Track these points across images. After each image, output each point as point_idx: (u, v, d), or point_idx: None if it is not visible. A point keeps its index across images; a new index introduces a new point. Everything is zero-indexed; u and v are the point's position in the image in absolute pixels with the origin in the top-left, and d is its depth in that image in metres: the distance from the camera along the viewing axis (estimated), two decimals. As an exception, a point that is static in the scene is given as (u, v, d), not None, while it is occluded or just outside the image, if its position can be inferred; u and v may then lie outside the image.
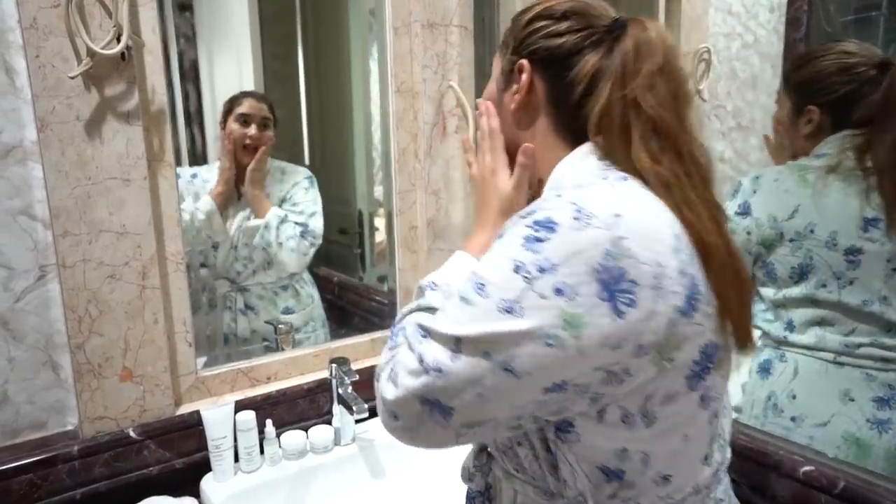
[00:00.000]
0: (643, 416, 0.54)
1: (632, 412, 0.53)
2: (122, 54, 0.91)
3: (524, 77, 0.65)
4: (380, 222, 1.50)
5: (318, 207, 1.38)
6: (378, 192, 1.50)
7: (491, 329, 0.50)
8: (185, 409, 1.05)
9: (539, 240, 0.51)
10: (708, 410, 0.57)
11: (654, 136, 0.56)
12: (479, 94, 1.36)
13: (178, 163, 1.28)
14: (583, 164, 0.60)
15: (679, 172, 0.56)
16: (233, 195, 1.31)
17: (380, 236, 1.52)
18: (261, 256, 1.33)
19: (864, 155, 0.92)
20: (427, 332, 0.55)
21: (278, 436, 1.06)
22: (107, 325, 0.94)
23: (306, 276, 1.43)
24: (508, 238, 0.53)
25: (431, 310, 0.61)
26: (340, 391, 1.09)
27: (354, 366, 1.24)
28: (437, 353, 0.53)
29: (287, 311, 1.37)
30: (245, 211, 1.32)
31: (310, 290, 1.42)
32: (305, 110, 1.55)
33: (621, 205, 0.51)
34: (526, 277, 0.50)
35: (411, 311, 0.63)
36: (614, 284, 0.49)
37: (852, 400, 0.91)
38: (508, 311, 0.50)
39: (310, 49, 1.52)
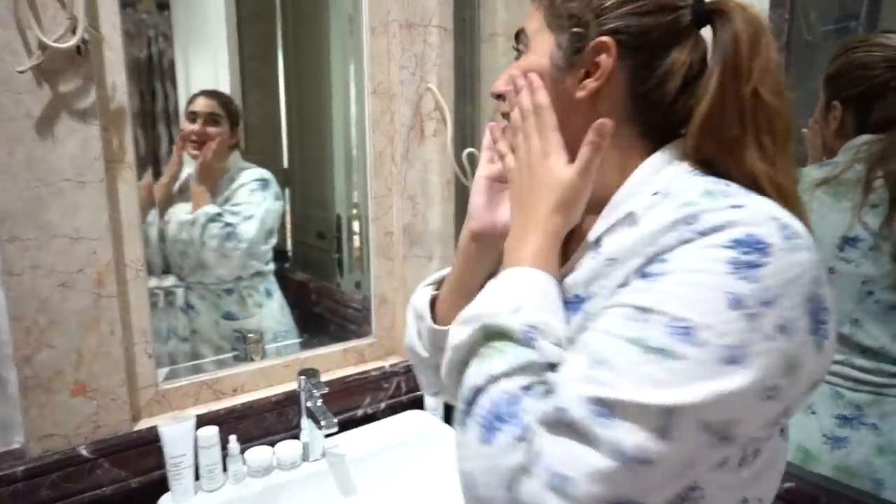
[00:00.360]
0: (754, 453, 0.46)
1: (748, 452, 0.46)
2: (78, 48, 0.85)
3: (607, 60, 0.52)
4: (359, 227, 1.46)
5: (258, 212, 1.31)
6: (357, 196, 1.46)
7: (716, 389, 0.38)
8: (144, 424, 1.00)
9: (753, 265, 0.40)
10: (786, 440, 0.51)
11: (769, 136, 0.49)
12: (458, 97, 1.33)
13: (150, 164, 1.25)
14: (676, 169, 0.52)
15: (792, 176, 0.49)
16: (179, 189, 1.29)
17: (358, 241, 1.47)
18: (195, 254, 1.28)
19: (876, 165, 0.87)
20: (610, 409, 0.39)
21: (243, 451, 1.01)
22: (58, 337, 0.89)
23: (262, 282, 1.37)
24: (696, 262, 0.42)
25: (549, 367, 0.44)
26: (309, 404, 1.04)
27: (326, 377, 1.20)
28: (638, 437, 0.38)
29: (228, 316, 1.32)
30: (187, 205, 1.29)
31: (260, 298, 1.36)
32: (284, 112, 1.51)
33: (796, 220, 0.44)
34: (749, 315, 0.39)
35: (507, 375, 0.44)
36: (817, 315, 0.41)
37: (814, 413, 0.90)
38: (733, 362, 0.39)
39: (290, 50, 1.48)
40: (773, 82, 0.49)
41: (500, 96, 0.61)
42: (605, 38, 0.52)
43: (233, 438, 1.00)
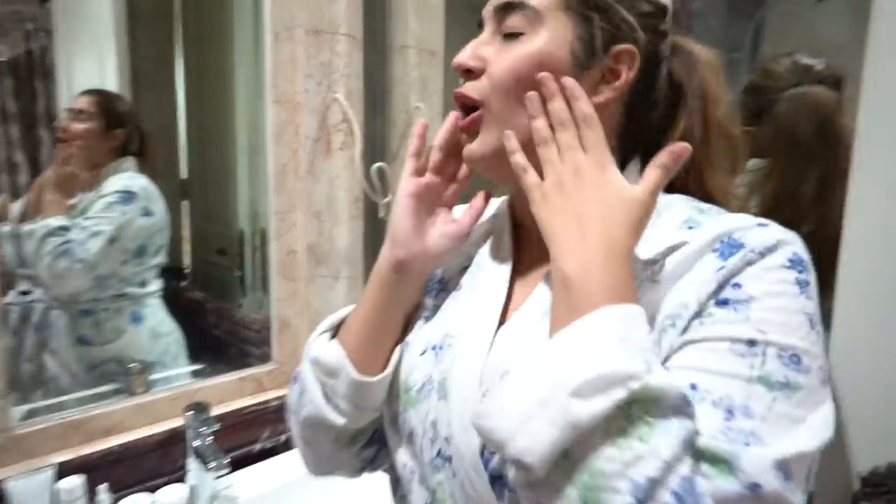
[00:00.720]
0: None
1: None
2: None
3: (628, 71, 0.50)
4: (260, 244, 1.36)
5: (108, 228, 1.15)
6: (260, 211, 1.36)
7: (831, 415, 0.40)
8: (-7, 476, 0.85)
9: (807, 283, 0.43)
10: None
11: (727, 157, 0.53)
12: (368, 109, 1.27)
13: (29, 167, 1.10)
14: None
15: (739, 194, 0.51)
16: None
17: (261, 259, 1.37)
18: (34, 271, 1.12)
19: (753, 192, 0.90)
20: (787, 468, 0.36)
21: (117, 502, 0.89)
22: None
23: (129, 306, 1.22)
24: (772, 286, 0.42)
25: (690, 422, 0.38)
26: (197, 443, 0.93)
27: (221, 409, 1.09)
28: (799, 489, 0.37)
29: (83, 341, 1.17)
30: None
31: (121, 323, 1.21)
32: (185, 119, 1.39)
33: None
34: (818, 332, 0.42)
35: (678, 458, 0.35)
36: None
37: None
38: (826, 383, 0.40)
39: (190, 52, 1.36)
40: (728, 107, 0.53)
41: (468, 71, 0.52)
42: (631, 47, 0.50)
43: (102, 488, 0.88)
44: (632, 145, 0.53)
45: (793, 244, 0.44)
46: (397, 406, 0.57)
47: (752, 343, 0.40)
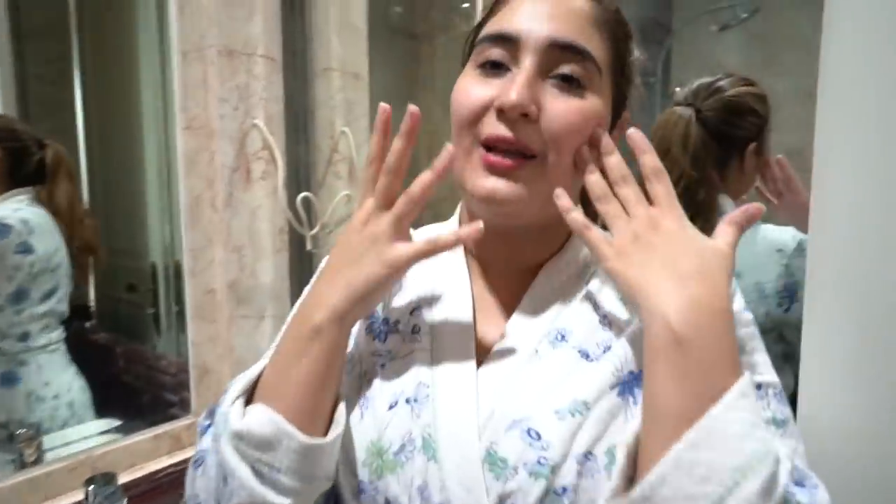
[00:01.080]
0: None
1: None
2: None
3: (626, 124, 0.54)
4: (167, 284, 1.24)
5: None
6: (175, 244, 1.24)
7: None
8: None
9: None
10: None
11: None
12: (290, 135, 1.19)
13: None
14: None
15: None
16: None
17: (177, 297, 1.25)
18: None
19: None
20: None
21: None
22: None
23: (2, 364, 1.05)
24: (751, 329, 0.48)
25: None
26: (103, 521, 0.81)
27: (130, 474, 0.97)
28: None
29: None
30: None
31: None
32: (84, 145, 1.25)
33: None
34: None
35: None
36: None
37: None
38: None
39: (90, 73, 1.24)
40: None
41: (525, 114, 0.47)
42: (628, 113, 0.55)
43: (-15, 587, 0.73)
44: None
45: (736, 285, 0.48)
46: (365, 474, 0.49)
47: (758, 387, 0.44)
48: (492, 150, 0.48)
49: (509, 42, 0.48)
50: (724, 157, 0.97)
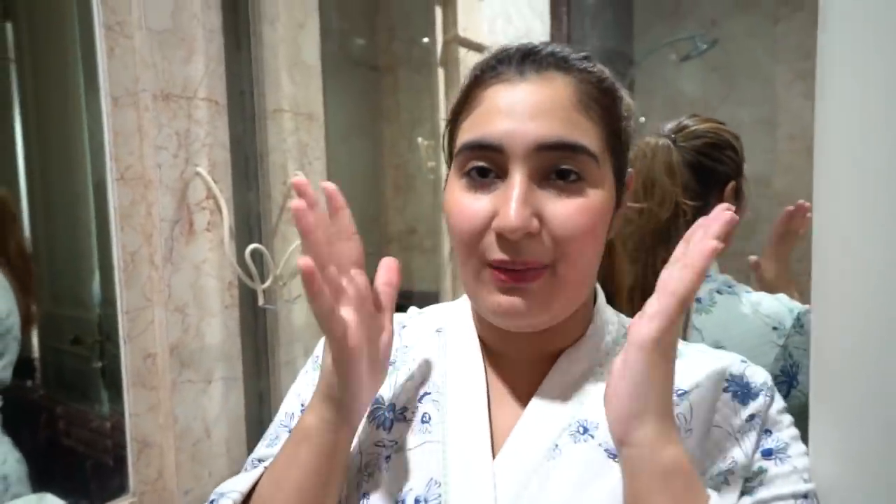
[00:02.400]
0: None
1: None
2: None
3: (628, 192, 0.53)
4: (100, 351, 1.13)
5: None
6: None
7: None
8: None
9: None
10: None
11: None
12: (239, 182, 1.12)
13: None
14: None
15: None
16: None
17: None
18: None
19: None
20: None
21: None
22: None
23: None
24: (792, 430, 0.49)
25: None
26: None
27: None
28: None
29: None
30: None
31: None
32: (26, 189, 1.16)
33: None
34: None
35: None
36: None
37: None
38: None
39: (30, 116, 1.15)
40: None
41: (528, 233, 0.44)
42: (632, 171, 0.52)
43: None
44: None
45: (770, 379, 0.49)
46: None
47: (806, 496, 0.44)
48: (500, 269, 0.45)
49: (494, 150, 0.45)
50: (703, 195, 0.89)
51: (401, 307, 0.56)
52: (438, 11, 1.69)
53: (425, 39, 1.73)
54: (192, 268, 1.03)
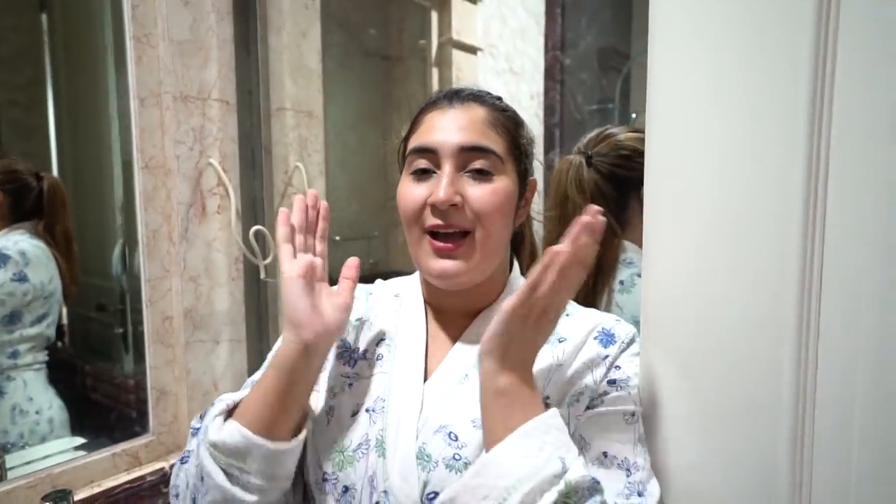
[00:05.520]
0: None
1: None
2: None
3: (532, 195, 0.71)
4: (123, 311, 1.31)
5: None
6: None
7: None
8: None
9: None
10: None
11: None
12: (245, 172, 1.28)
13: None
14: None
15: None
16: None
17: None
18: None
19: None
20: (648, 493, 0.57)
21: None
22: None
23: None
24: (634, 368, 0.63)
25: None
26: (58, 534, 0.88)
27: (88, 490, 1.04)
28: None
29: None
30: None
31: None
32: (57, 168, 1.33)
33: None
34: None
35: None
36: None
37: None
38: None
39: (62, 97, 1.31)
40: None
41: (453, 204, 0.61)
42: (534, 178, 0.70)
43: None
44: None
45: (636, 334, 0.64)
46: (328, 466, 0.62)
47: (632, 414, 0.60)
48: (436, 237, 0.63)
49: (430, 152, 0.63)
50: (622, 200, 0.99)
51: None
52: (434, 15, 1.82)
53: (421, 41, 1.87)
54: (204, 244, 1.21)
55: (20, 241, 1.17)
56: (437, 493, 0.56)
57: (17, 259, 1.15)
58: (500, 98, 0.69)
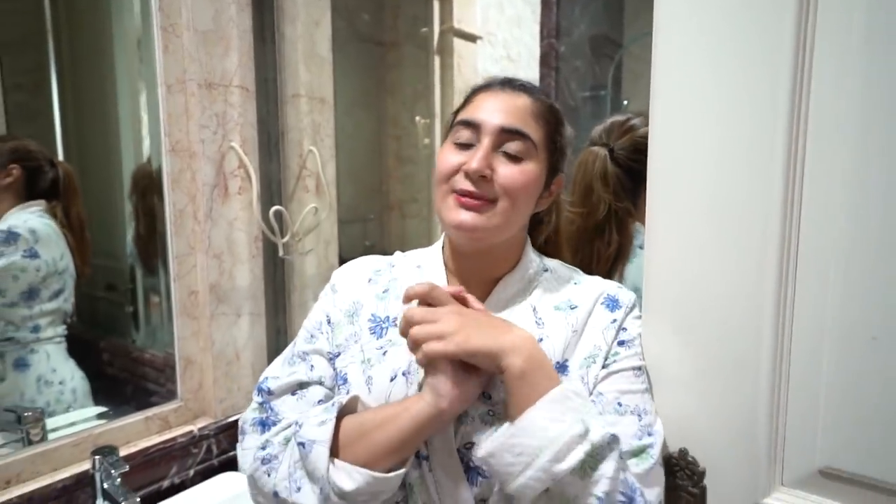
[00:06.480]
0: None
1: None
2: None
3: (557, 189, 0.78)
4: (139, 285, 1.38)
5: None
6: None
7: None
8: None
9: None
10: None
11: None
12: (263, 155, 1.35)
13: None
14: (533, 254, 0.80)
15: None
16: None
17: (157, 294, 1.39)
18: None
19: None
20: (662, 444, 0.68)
21: (24, 551, 0.91)
22: None
23: (15, 351, 1.20)
24: (637, 329, 0.73)
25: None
26: (106, 486, 0.97)
27: (126, 450, 1.12)
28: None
29: None
30: None
31: (1, 369, 1.19)
32: (62, 149, 1.38)
33: None
34: None
35: (617, 472, 0.59)
36: None
37: None
38: None
39: (66, 81, 1.35)
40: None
41: (483, 176, 0.68)
42: (562, 176, 0.77)
43: (10, 538, 0.89)
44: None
45: (636, 298, 0.74)
46: None
47: (640, 369, 0.70)
48: (462, 196, 0.69)
49: (474, 127, 0.70)
50: (636, 189, 1.05)
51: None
52: (436, 4, 1.89)
53: (424, 29, 1.93)
54: (227, 223, 1.28)
55: (30, 220, 1.21)
56: (473, 444, 0.65)
57: (27, 237, 1.20)
58: (547, 95, 0.77)
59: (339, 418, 0.67)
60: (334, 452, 0.65)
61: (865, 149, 0.56)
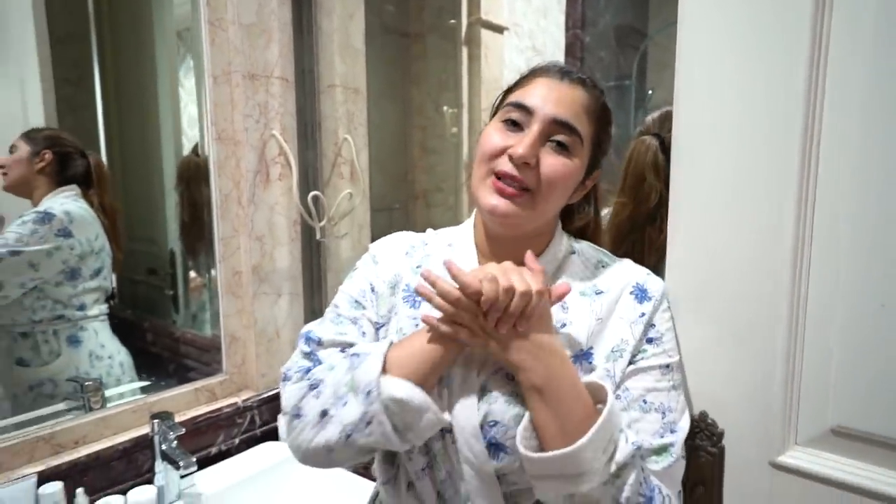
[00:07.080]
0: None
1: None
2: None
3: (592, 182, 0.77)
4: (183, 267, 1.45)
5: (10, 241, 1.18)
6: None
7: None
8: (-28, 489, 0.94)
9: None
10: None
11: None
12: (301, 143, 1.42)
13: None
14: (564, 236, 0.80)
15: None
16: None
17: (195, 277, 1.47)
18: None
19: None
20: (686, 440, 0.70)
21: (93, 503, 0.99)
22: None
23: (67, 328, 1.27)
24: (668, 323, 0.73)
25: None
26: (164, 448, 1.05)
27: (177, 418, 1.20)
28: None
29: (21, 362, 1.23)
30: None
31: (57, 345, 1.26)
32: (104, 141, 1.45)
33: None
34: None
35: (637, 481, 0.63)
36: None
37: None
38: None
39: (108, 73, 1.41)
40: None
41: (527, 163, 0.67)
42: (599, 172, 0.77)
43: (80, 492, 0.98)
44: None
45: (665, 288, 0.74)
46: None
47: (668, 367, 0.70)
48: (501, 180, 0.69)
49: (526, 110, 0.69)
50: None
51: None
52: (464, -4, 1.93)
53: (452, 21, 1.98)
54: (268, 208, 1.36)
55: (66, 203, 1.26)
56: (496, 422, 0.66)
57: (61, 217, 1.25)
58: (603, 92, 0.75)
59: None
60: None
61: (875, 124, 0.61)
